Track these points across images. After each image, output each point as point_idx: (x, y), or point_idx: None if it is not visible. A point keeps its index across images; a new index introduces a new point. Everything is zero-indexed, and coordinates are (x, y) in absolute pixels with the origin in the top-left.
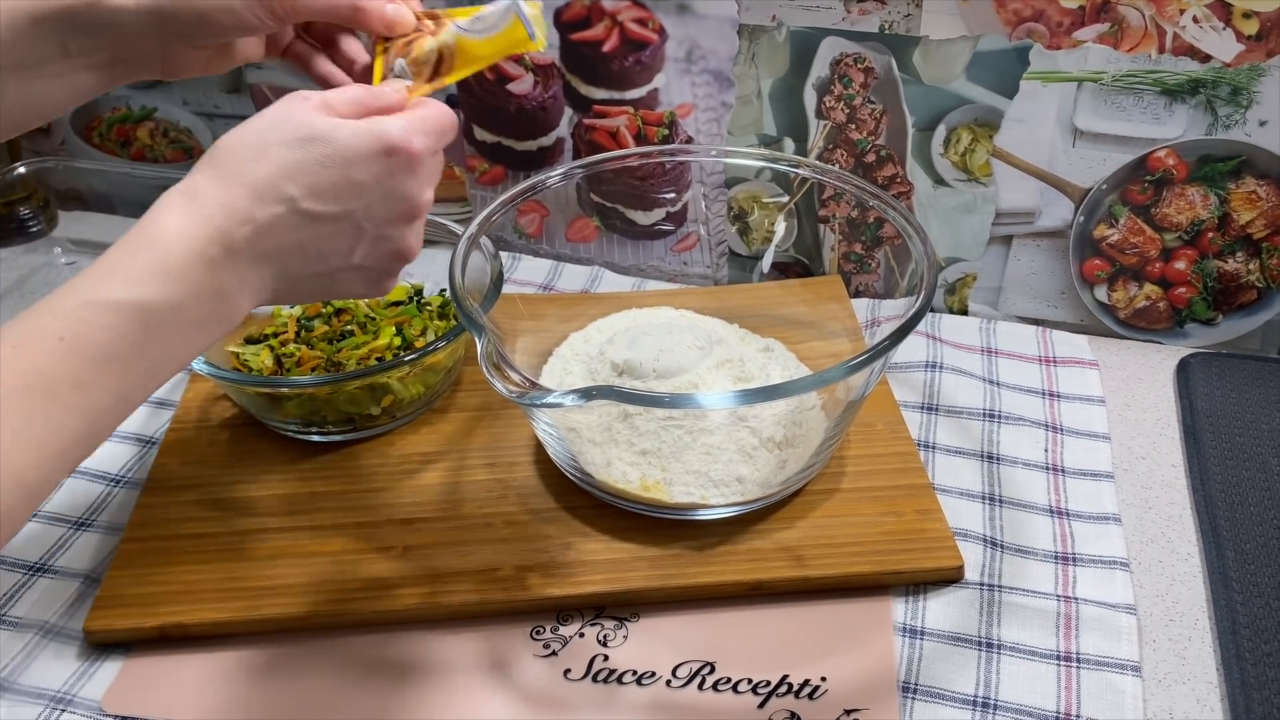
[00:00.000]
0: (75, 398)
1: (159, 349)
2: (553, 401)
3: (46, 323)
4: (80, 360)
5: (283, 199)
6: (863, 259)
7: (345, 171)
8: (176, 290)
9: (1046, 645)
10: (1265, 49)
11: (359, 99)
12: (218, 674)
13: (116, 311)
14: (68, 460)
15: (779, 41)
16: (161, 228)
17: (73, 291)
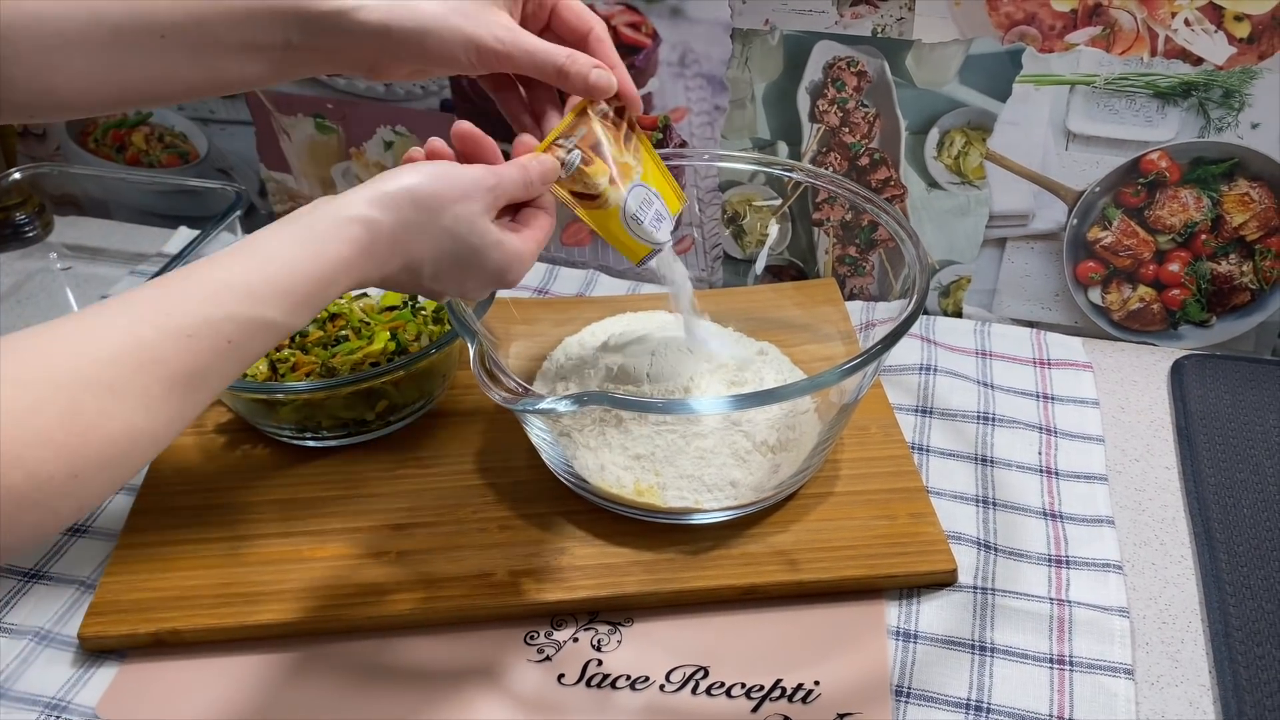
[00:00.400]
0: (211, 392)
1: (272, 341)
2: (545, 407)
3: (221, 324)
4: (237, 365)
5: (415, 273)
6: (857, 262)
7: (468, 273)
8: (307, 318)
9: (1039, 648)
10: (1257, 51)
11: (514, 195)
12: (212, 680)
13: (273, 331)
14: (189, 414)
15: (772, 45)
16: (337, 262)
17: (249, 296)
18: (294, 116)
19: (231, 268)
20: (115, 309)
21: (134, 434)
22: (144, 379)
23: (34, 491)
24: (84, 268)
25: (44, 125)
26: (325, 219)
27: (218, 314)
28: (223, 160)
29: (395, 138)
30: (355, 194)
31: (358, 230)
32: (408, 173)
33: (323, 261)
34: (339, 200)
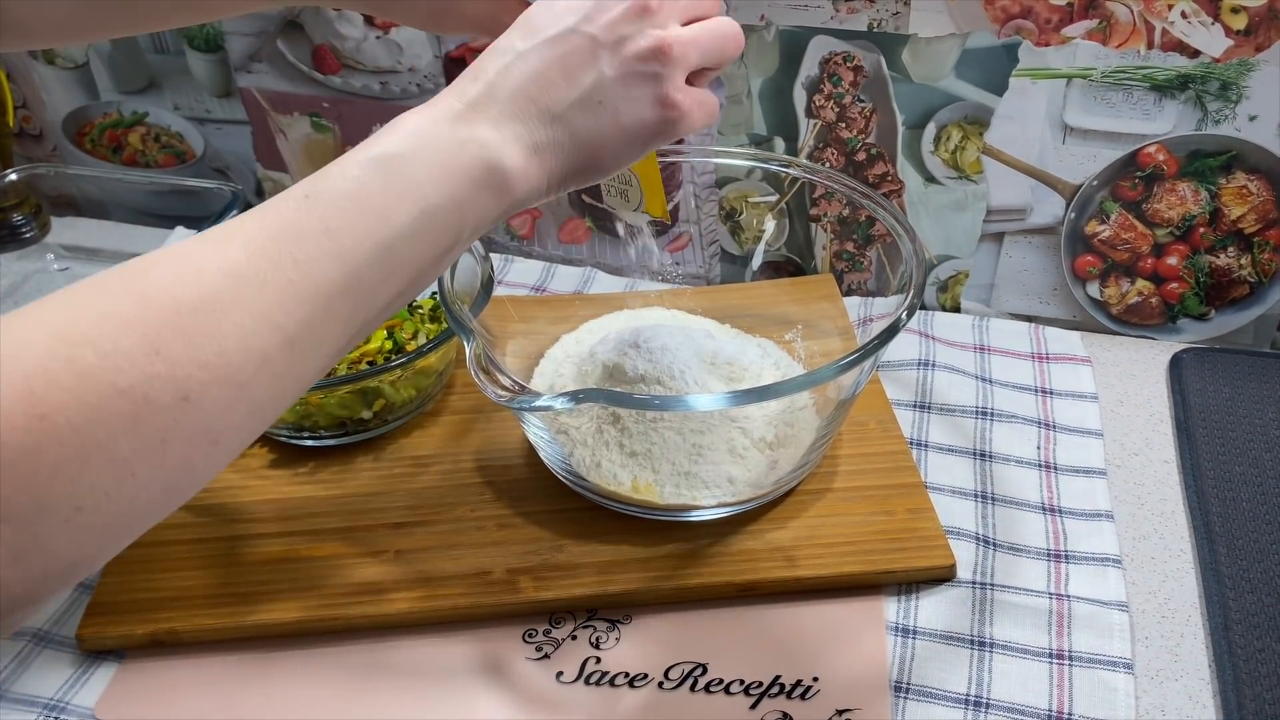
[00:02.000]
0: (327, 242)
1: (408, 194)
2: (542, 405)
3: (294, 188)
4: (326, 208)
5: (505, 50)
6: (855, 257)
7: (551, 5)
8: (415, 141)
9: (1039, 643)
10: (1254, 44)
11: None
12: (210, 680)
13: (360, 165)
14: (332, 311)
15: (768, 41)
16: (403, 116)
17: (322, 169)
18: (290, 115)
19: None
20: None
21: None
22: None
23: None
24: (81, 268)
25: (40, 126)
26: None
27: (290, 190)
28: (219, 160)
29: None
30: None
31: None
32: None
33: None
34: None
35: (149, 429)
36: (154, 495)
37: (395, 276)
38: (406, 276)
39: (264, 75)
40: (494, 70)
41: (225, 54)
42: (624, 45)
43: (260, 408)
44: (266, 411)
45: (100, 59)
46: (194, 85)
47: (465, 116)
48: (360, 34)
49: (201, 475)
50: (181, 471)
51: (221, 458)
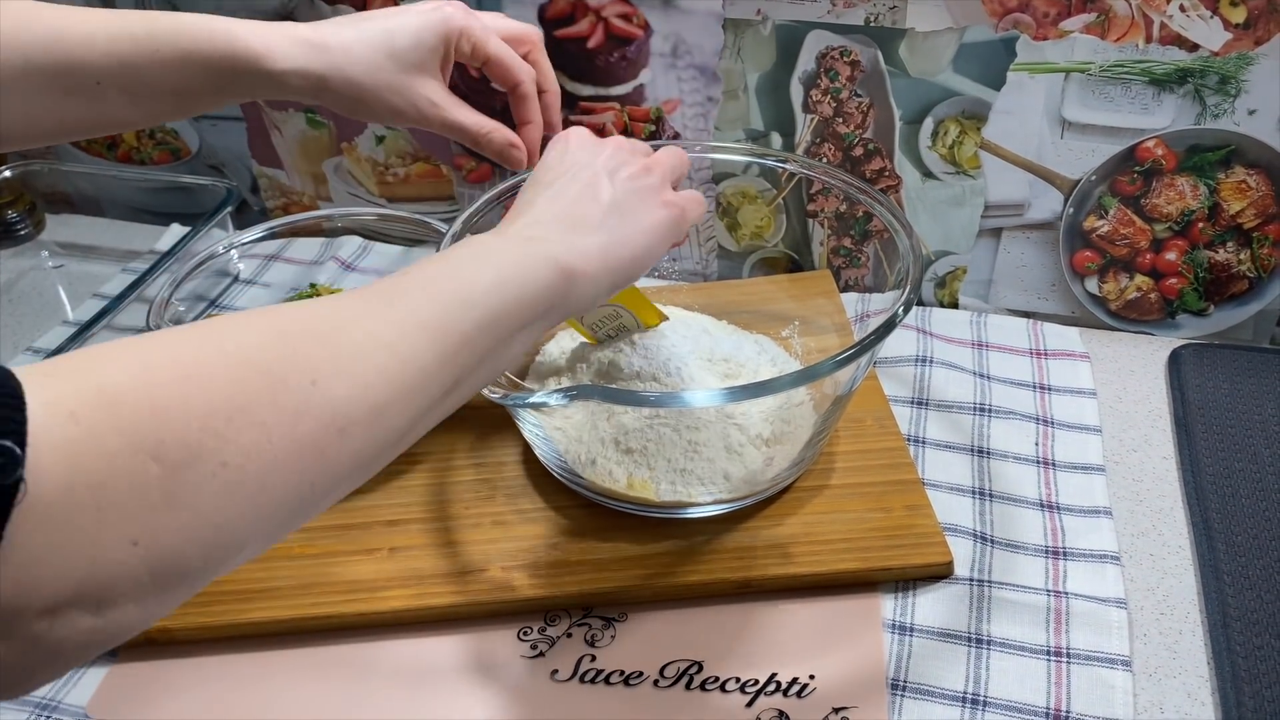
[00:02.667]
0: (423, 298)
1: (485, 269)
2: (536, 401)
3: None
4: (420, 279)
5: (535, 193)
6: (852, 253)
7: (551, 165)
8: (484, 250)
9: (1037, 640)
10: (1253, 37)
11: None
12: (204, 679)
13: (442, 257)
14: (430, 342)
15: (764, 35)
16: (454, 247)
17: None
18: (285, 111)
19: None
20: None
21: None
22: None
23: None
24: (76, 266)
25: None
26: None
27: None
28: (214, 157)
29: (387, 132)
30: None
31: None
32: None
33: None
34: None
35: (284, 401)
36: (290, 473)
37: (491, 352)
38: (507, 356)
39: None
40: (538, 203)
41: None
42: (620, 170)
43: (379, 409)
44: (386, 416)
45: None
46: None
47: (522, 234)
48: None
49: (332, 465)
50: (313, 454)
51: (349, 451)
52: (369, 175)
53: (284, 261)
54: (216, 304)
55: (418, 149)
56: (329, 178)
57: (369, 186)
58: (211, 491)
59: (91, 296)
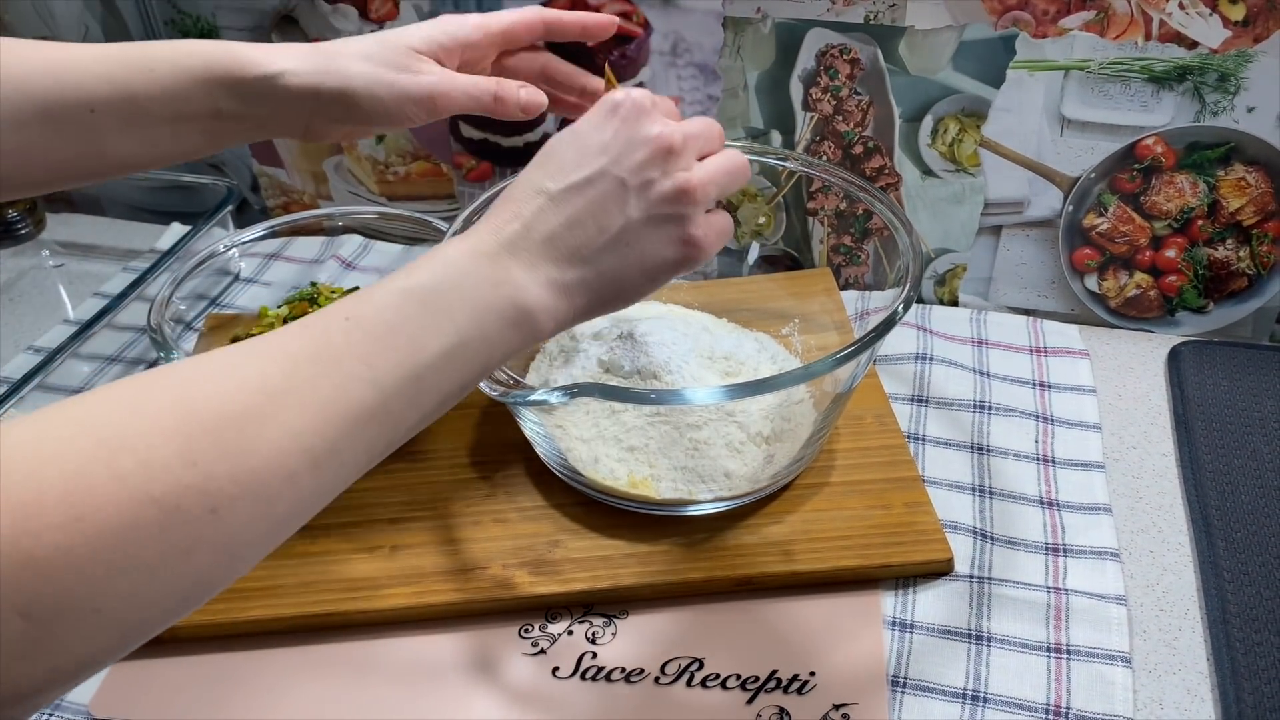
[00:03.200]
0: (362, 369)
1: (442, 328)
2: (537, 399)
3: (334, 310)
4: (364, 335)
5: (539, 190)
6: (852, 251)
7: (579, 143)
8: (455, 275)
9: (1037, 637)
10: (1252, 34)
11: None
12: (205, 676)
13: (398, 294)
14: (359, 435)
15: (764, 33)
16: (442, 246)
17: (359, 293)
18: None
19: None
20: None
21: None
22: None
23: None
24: (76, 265)
25: None
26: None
27: (332, 308)
28: (215, 156)
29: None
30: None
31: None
32: None
33: (433, 250)
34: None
35: (176, 539)
36: (170, 603)
37: (421, 405)
38: (431, 404)
39: None
40: (530, 211)
41: None
42: (650, 189)
43: (280, 524)
44: (284, 529)
45: None
46: None
47: (500, 256)
48: (355, 28)
49: (215, 587)
50: (199, 582)
51: (236, 572)
52: (369, 174)
53: (284, 260)
54: (217, 303)
55: (418, 148)
56: (329, 176)
57: (369, 185)
58: (80, 636)
59: (92, 295)
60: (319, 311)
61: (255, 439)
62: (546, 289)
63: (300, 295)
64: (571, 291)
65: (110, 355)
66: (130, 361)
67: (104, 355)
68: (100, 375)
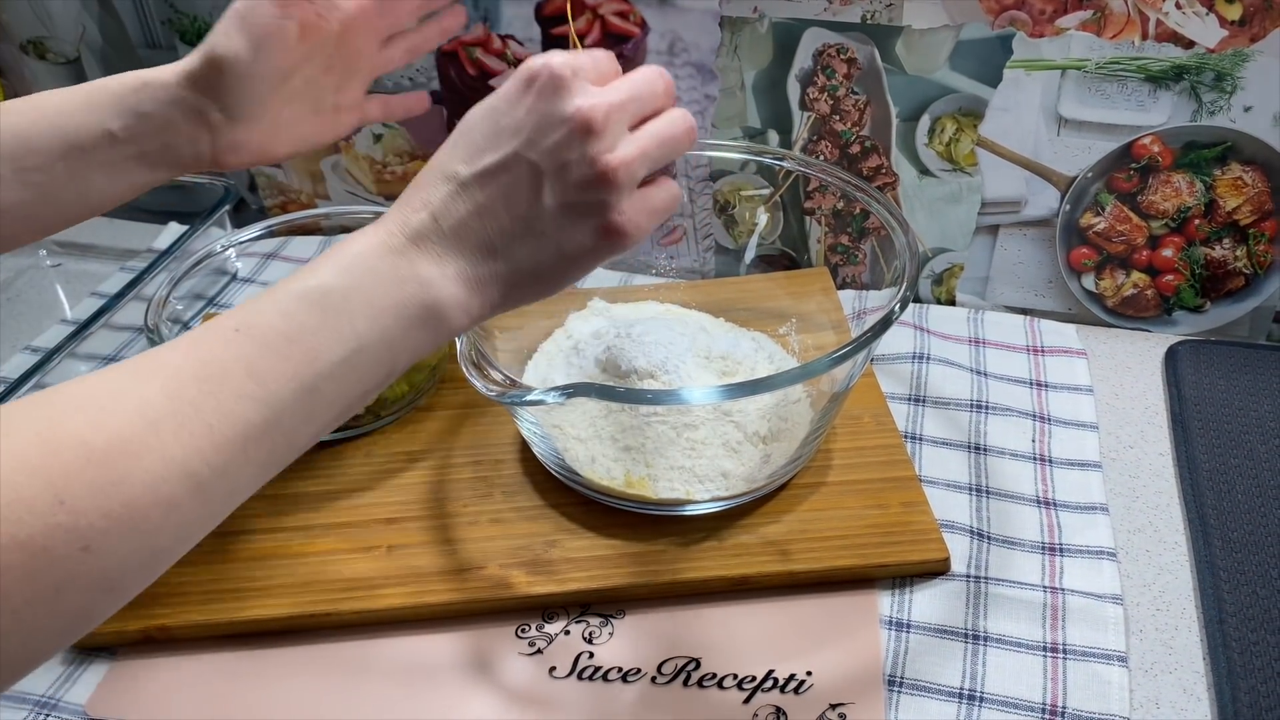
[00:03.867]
0: (251, 385)
1: (341, 333)
2: (534, 399)
3: (225, 319)
4: (254, 346)
5: (448, 176)
6: (849, 250)
7: (492, 120)
8: (355, 275)
9: (1033, 637)
10: (1249, 34)
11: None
12: (202, 677)
13: (295, 299)
14: (250, 455)
15: (761, 33)
16: (347, 240)
17: (255, 297)
18: None
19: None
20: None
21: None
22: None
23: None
24: (73, 264)
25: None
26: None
27: (224, 318)
28: None
29: (384, 130)
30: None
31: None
32: None
33: (337, 245)
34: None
35: (45, 580)
36: (43, 642)
37: (317, 417)
38: (329, 416)
39: None
40: (438, 200)
41: None
42: (566, 173)
43: (162, 553)
44: (168, 556)
45: (92, 54)
46: None
47: (407, 251)
48: None
49: (95, 620)
50: (75, 618)
51: (117, 603)
52: (366, 173)
53: (282, 260)
54: (214, 302)
55: (415, 147)
56: (326, 176)
57: (367, 184)
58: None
59: (90, 295)
60: (211, 322)
61: (131, 470)
62: (457, 283)
63: None
64: (485, 285)
65: (107, 355)
66: None
67: (101, 355)
68: None
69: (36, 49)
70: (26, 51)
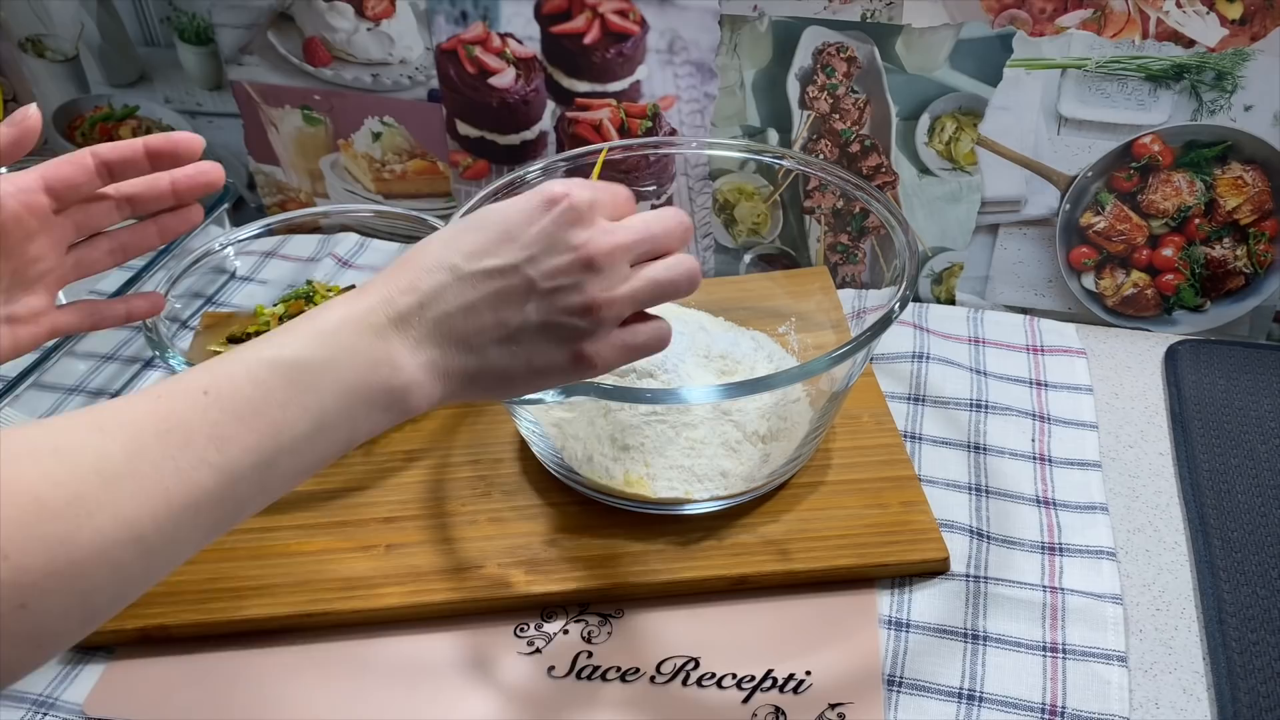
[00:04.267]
0: (212, 452)
1: (308, 409)
2: (533, 398)
3: (195, 376)
4: (221, 412)
5: (446, 266)
6: (849, 249)
7: (504, 227)
8: (331, 350)
9: (1032, 636)
10: (1249, 33)
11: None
12: (200, 676)
13: (265, 367)
14: (199, 521)
15: (761, 31)
16: (327, 307)
17: (228, 355)
18: (281, 108)
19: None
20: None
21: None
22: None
23: None
24: None
25: None
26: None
27: (195, 374)
28: (211, 153)
29: (383, 128)
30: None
31: (347, 293)
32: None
33: (317, 310)
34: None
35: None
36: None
37: (269, 490)
38: (279, 488)
39: (255, 68)
40: (428, 287)
41: (216, 46)
42: (556, 296)
43: (97, 611)
44: (102, 615)
45: (91, 52)
46: (185, 78)
47: (386, 333)
48: (351, 26)
49: (19, 675)
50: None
51: (45, 658)
52: (365, 172)
53: (280, 258)
54: (213, 301)
55: (414, 146)
56: (325, 174)
57: (365, 183)
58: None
59: (88, 293)
60: (178, 377)
61: (81, 528)
62: (426, 371)
63: (296, 294)
64: (451, 377)
65: (105, 354)
66: (126, 360)
67: (99, 353)
68: (96, 373)
69: (35, 47)
70: (25, 49)
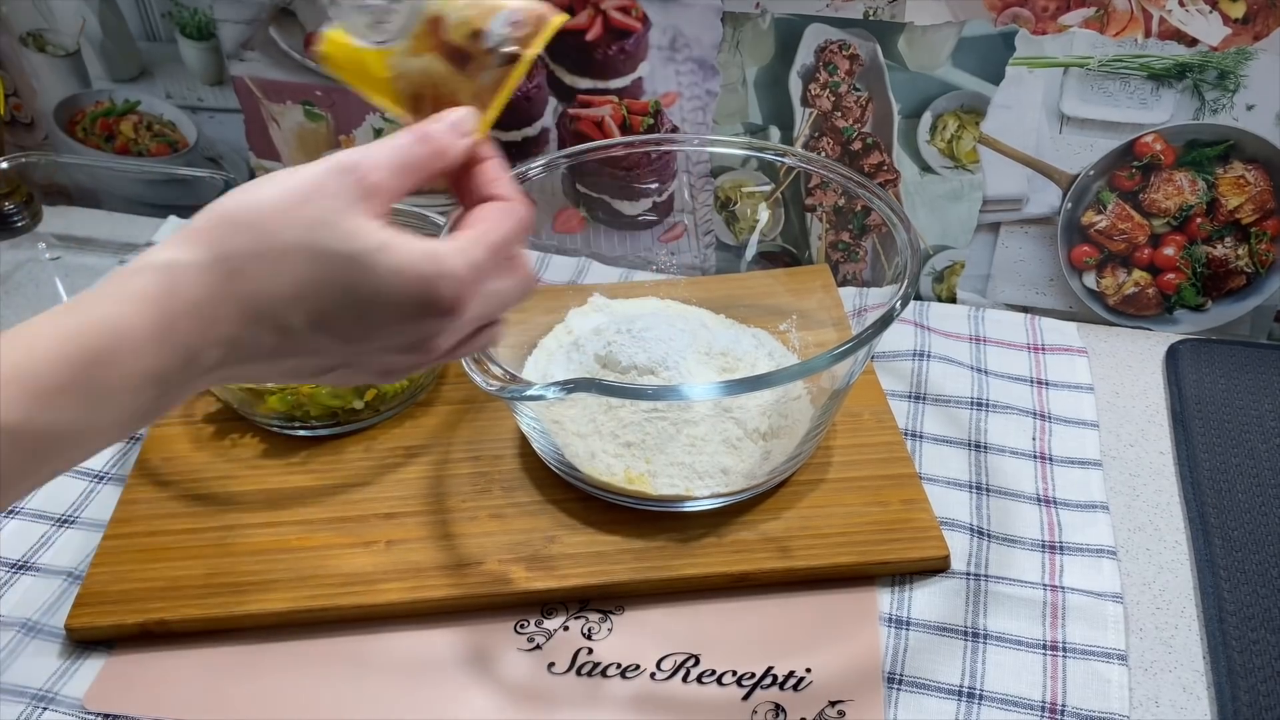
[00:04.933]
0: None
1: (41, 477)
2: (534, 395)
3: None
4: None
5: (279, 328)
6: (850, 247)
7: (364, 313)
8: (74, 410)
9: (1033, 635)
10: (1252, 32)
11: (406, 164)
12: (200, 671)
13: (12, 425)
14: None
15: (763, 29)
16: (106, 330)
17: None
18: (283, 104)
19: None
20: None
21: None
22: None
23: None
24: (73, 258)
25: (32, 114)
26: (116, 274)
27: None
28: (212, 149)
29: (385, 124)
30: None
31: (145, 281)
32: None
33: (86, 331)
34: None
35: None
36: None
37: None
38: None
39: (256, 63)
40: (247, 342)
41: (217, 42)
42: (365, 359)
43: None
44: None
45: (92, 47)
46: (186, 73)
47: (172, 385)
48: None
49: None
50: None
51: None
52: None
53: None
54: None
55: None
56: None
57: None
58: None
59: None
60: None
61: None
62: (190, 393)
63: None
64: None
65: None
66: None
67: None
68: None
69: (36, 42)
70: (26, 44)
